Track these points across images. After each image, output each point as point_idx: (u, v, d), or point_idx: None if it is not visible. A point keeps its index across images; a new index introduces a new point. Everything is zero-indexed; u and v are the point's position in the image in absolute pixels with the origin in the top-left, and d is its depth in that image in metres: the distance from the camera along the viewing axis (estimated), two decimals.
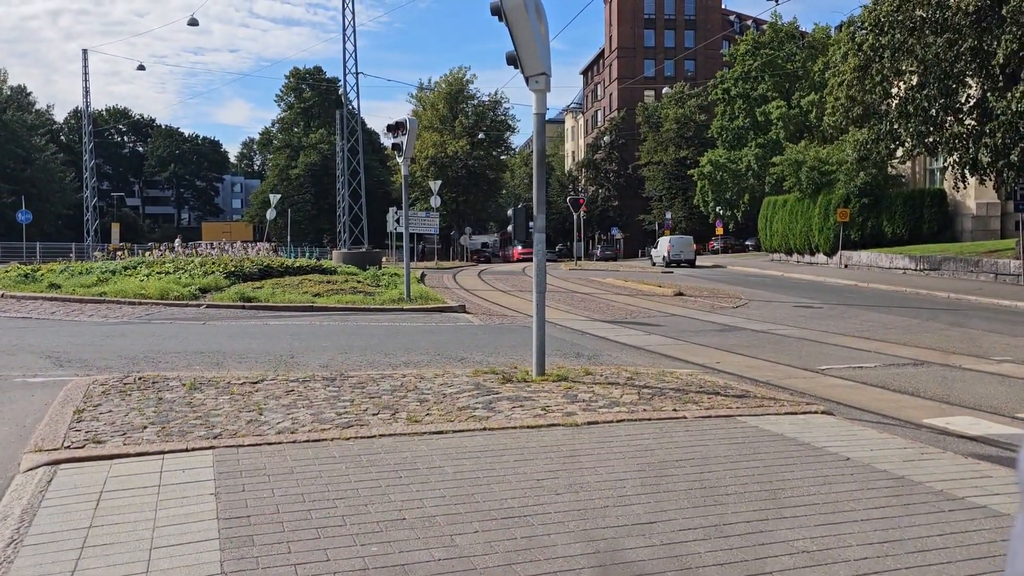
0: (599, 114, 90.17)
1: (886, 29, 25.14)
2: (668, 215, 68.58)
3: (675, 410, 6.59)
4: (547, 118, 8.37)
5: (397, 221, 28.83)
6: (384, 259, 37.00)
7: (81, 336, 11.85)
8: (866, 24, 26.38)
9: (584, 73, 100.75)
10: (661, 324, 15.06)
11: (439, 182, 39.00)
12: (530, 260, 35.93)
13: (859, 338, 13.01)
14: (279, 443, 5.38)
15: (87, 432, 5.56)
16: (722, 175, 55.30)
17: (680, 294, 21.98)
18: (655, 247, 48.73)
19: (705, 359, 10.56)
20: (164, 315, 15.06)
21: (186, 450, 5.17)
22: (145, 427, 5.74)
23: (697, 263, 44.98)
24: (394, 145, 18.07)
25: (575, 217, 49.15)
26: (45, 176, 67.68)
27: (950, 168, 26.38)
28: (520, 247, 48.44)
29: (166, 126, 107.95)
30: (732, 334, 13.57)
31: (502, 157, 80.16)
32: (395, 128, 17.62)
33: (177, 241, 33.98)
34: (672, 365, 9.88)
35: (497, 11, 7.55)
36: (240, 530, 3.80)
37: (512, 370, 8.30)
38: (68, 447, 5.18)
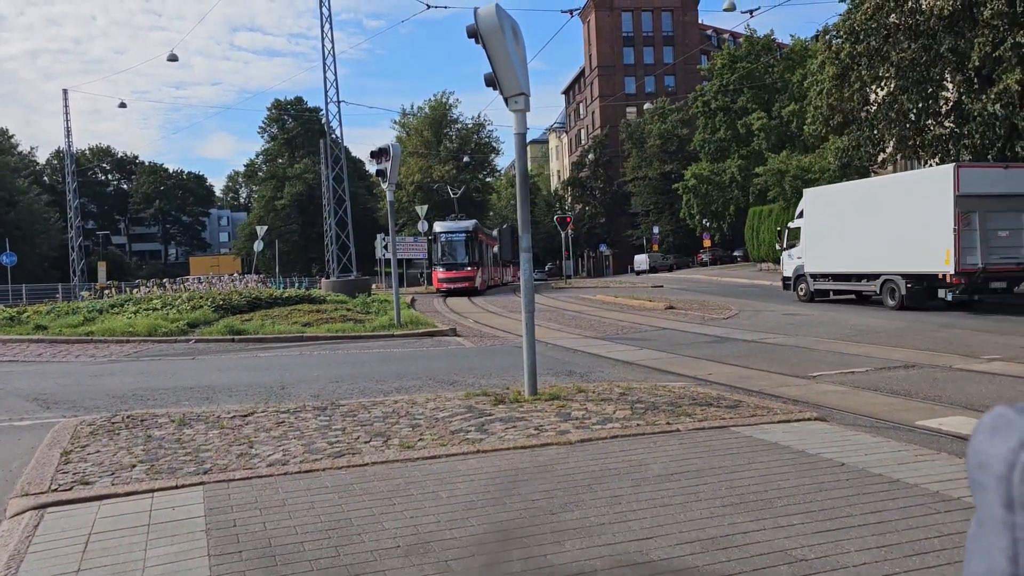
0: (582, 132, 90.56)
1: (861, 37, 25.45)
2: (655, 230, 68.91)
3: (668, 423, 6.56)
4: (531, 138, 8.44)
5: (385, 248, 28.77)
6: (374, 286, 36.88)
7: (68, 377, 11.73)
8: (842, 32, 26.69)
9: (566, 92, 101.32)
10: (652, 338, 15.06)
11: (426, 207, 38.96)
12: (458, 290, 34.36)
13: (850, 343, 13.04)
14: (270, 476, 5.32)
15: (75, 474, 5.49)
16: (707, 188, 55.61)
17: (671, 308, 21.99)
18: (632, 264, 66.26)
19: (697, 371, 10.55)
20: (152, 352, 14.95)
21: (176, 487, 5.10)
22: (134, 466, 5.67)
23: (640, 273, 60.60)
24: (378, 172, 18.03)
25: (563, 235, 49.21)
26: (29, 218, 67.33)
27: None
28: (442, 270, 35.52)
29: (150, 162, 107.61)
30: (723, 345, 13.57)
31: (488, 180, 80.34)
32: (379, 155, 17.59)
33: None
34: (664, 379, 9.86)
35: (474, 33, 7.61)
36: (232, 566, 3.74)
37: (504, 391, 8.26)
38: (55, 490, 5.11)
